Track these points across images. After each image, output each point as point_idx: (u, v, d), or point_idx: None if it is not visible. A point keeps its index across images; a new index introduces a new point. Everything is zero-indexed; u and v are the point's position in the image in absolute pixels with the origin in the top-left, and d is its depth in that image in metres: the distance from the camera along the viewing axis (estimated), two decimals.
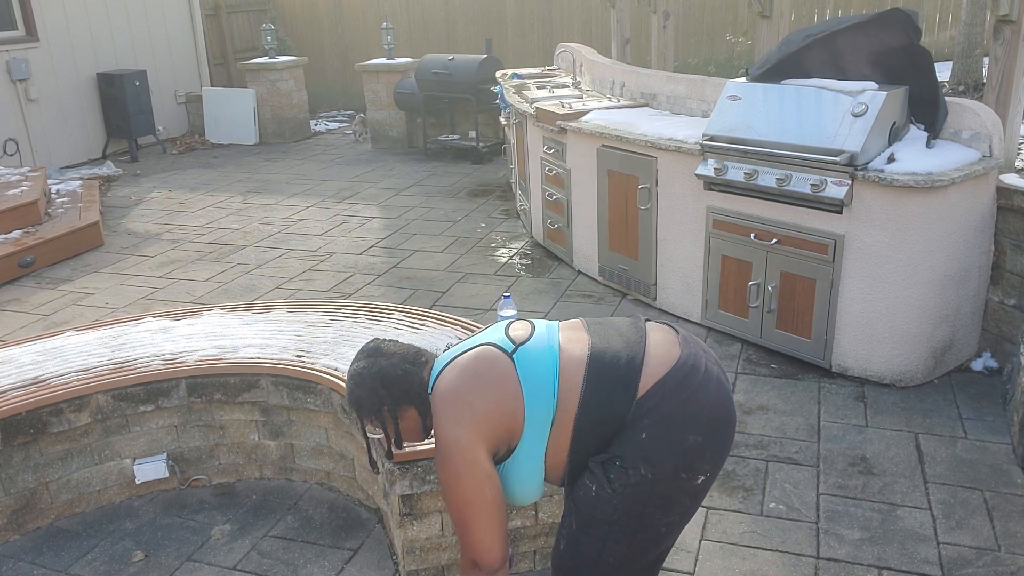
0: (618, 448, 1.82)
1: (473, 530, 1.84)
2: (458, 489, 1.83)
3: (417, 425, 2.00)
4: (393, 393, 1.95)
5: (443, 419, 1.86)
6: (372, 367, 1.97)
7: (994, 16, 3.74)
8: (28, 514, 3.08)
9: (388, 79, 9.53)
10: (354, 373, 1.99)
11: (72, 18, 9.12)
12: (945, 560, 2.72)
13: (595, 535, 1.89)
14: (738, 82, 4.17)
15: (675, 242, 4.51)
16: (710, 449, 1.84)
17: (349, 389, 2.00)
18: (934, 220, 3.52)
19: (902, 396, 3.73)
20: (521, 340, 1.92)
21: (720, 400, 1.87)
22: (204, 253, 6.18)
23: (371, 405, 1.96)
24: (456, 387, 1.88)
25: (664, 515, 1.86)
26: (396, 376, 1.96)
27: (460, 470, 1.82)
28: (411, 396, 1.96)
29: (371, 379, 1.96)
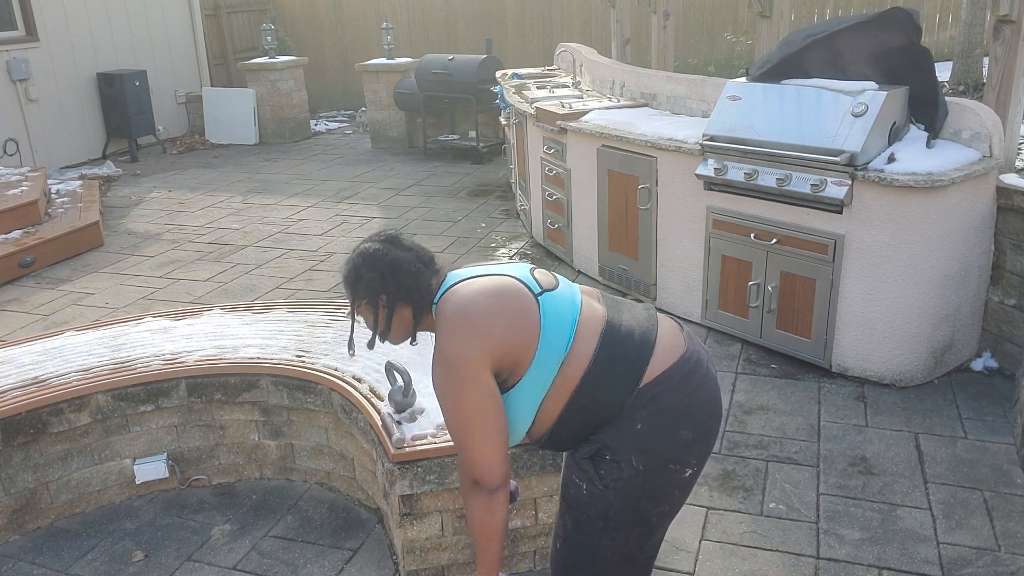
0: (610, 437, 1.81)
1: (474, 447, 1.79)
2: (461, 403, 1.78)
3: (406, 327, 1.95)
4: (399, 285, 1.89)
5: (454, 331, 1.80)
6: (387, 253, 1.91)
7: (994, 16, 3.74)
8: (28, 514, 3.08)
9: (388, 79, 9.54)
10: (366, 252, 1.93)
11: (72, 18, 9.12)
12: (945, 560, 2.72)
13: (591, 532, 1.89)
14: (738, 82, 4.17)
15: (675, 242, 4.51)
16: (699, 444, 1.85)
17: (354, 265, 1.93)
18: (934, 220, 3.52)
19: (902, 396, 3.73)
20: (548, 286, 1.89)
21: (716, 399, 1.89)
22: (204, 253, 6.18)
23: (372, 288, 1.91)
24: (476, 303, 1.82)
25: (656, 506, 1.86)
26: (408, 271, 1.90)
27: (465, 384, 1.77)
28: (414, 296, 1.91)
29: (383, 264, 1.90)
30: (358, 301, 1.95)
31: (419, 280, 1.91)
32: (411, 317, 1.93)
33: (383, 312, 1.93)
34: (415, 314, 1.93)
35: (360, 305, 1.95)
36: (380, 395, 2.82)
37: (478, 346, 1.77)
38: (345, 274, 1.96)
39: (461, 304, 1.83)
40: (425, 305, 1.92)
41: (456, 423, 1.81)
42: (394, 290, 1.90)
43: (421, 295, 1.91)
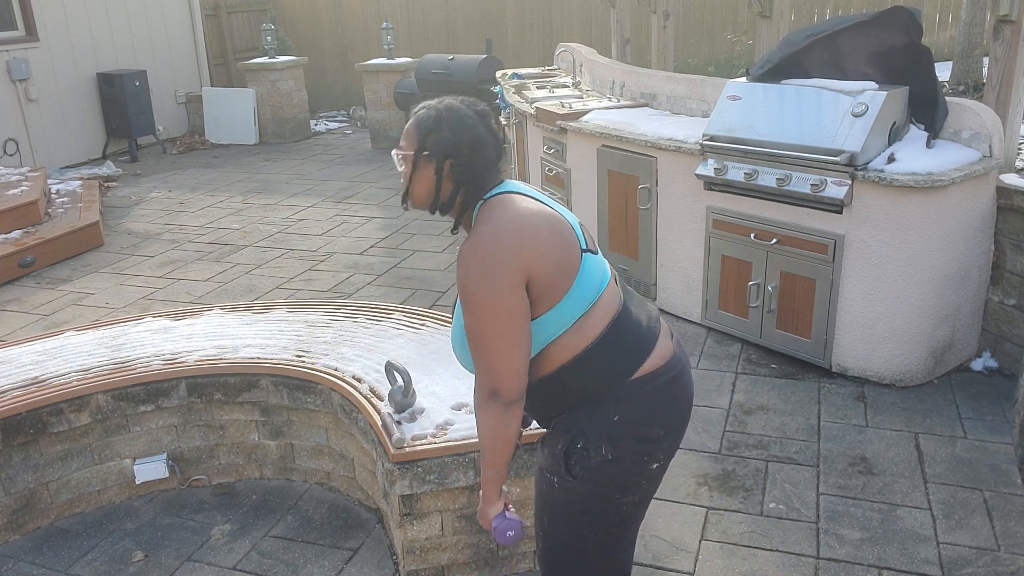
0: (585, 423, 1.80)
1: (500, 354, 1.70)
2: (494, 307, 1.68)
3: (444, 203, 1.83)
4: (471, 164, 1.78)
5: (507, 234, 1.71)
6: (476, 127, 1.80)
7: (994, 16, 3.74)
8: (28, 514, 3.08)
9: (388, 79, 9.54)
10: (456, 111, 1.81)
11: (72, 18, 9.12)
12: (945, 560, 2.72)
13: (567, 526, 1.90)
14: (738, 82, 4.17)
15: (675, 242, 4.51)
16: (667, 441, 1.87)
17: (438, 117, 1.79)
18: (934, 220, 3.52)
19: (902, 396, 3.73)
20: (591, 248, 1.86)
21: (690, 406, 1.92)
22: (204, 253, 6.18)
23: (443, 149, 1.78)
24: (536, 221, 1.75)
25: (624, 495, 1.86)
26: (486, 157, 1.80)
27: (504, 290, 1.67)
28: (476, 181, 1.80)
29: (468, 134, 1.79)
30: (423, 151, 1.80)
31: (488, 169, 1.81)
32: (462, 199, 1.82)
33: (442, 178, 1.80)
34: (465, 197, 1.82)
35: (420, 156, 1.80)
36: (380, 395, 2.82)
37: (525, 259, 1.69)
38: (421, 117, 1.81)
39: (519, 214, 1.75)
40: (479, 195, 1.81)
41: (481, 328, 1.70)
42: (464, 164, 1.78)
43: (482, 185, 1.81)
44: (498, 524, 1.89)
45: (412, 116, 1.85)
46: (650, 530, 2.92)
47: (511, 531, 1.89)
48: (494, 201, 1.79)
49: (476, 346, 1.74)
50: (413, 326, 3.38)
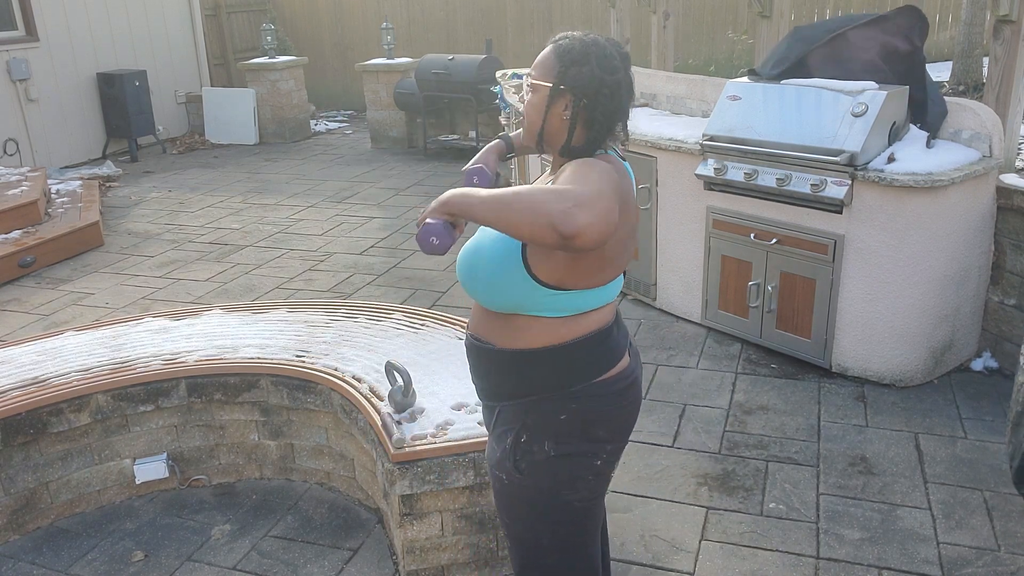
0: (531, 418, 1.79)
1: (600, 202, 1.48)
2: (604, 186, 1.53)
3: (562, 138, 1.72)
4: (606, 107, 1.68)
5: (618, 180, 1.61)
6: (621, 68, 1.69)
7: (994, 16, 3.74)
8: (28, 514, 3.08)
9: (388, 79, 9.54)
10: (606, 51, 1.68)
11: (72, 18, 9.12)
12: (945, 560, 2.72)
13: (523, 523, 1.90)
14: (738, 82, 4.17)
15: (675, 242, 4.51)
16: (612, 445, 1.86)
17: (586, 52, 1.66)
18: (934, 220, 3.52)
19: (902, 396, 3.73)
20: None
21: (638, 410, 1.92)
22: (204, 253, 6.18)
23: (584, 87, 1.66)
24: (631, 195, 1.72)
25: (572, 492, 1.85)
26: (619, 104, 1.70)
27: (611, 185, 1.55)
28: (603, 127, 1.70)
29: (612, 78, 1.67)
30: (560, 84, 1.67)
31: (619, 119, 1.71)
32: (581, 146, 1.71)
33: (568, 113, 1.68)
34: (586, 145, 1.70)
35: (556, 89, 1.68)
36: (380, 395, 2.82)
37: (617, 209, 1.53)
38: (564, 47, 1.68)
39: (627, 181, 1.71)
40: (598, 142, 1.71)
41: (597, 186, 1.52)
42: (600, 108, 1.67)
43: (602, 134, 1.70)
44: (429, 226, 1.62)
45: (551, 44, 1.72)
46: (650, 530, 2.92)
47: (435, 238, 1.62)
48: (603, 156, 1.71)
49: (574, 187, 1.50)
50: (413, 326, 3.38)
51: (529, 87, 1.74)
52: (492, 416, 1.91)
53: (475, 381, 1.95)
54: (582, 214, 1.45)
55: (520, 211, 1.50)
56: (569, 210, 1.45)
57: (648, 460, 3.34)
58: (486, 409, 1.97)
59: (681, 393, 3.84)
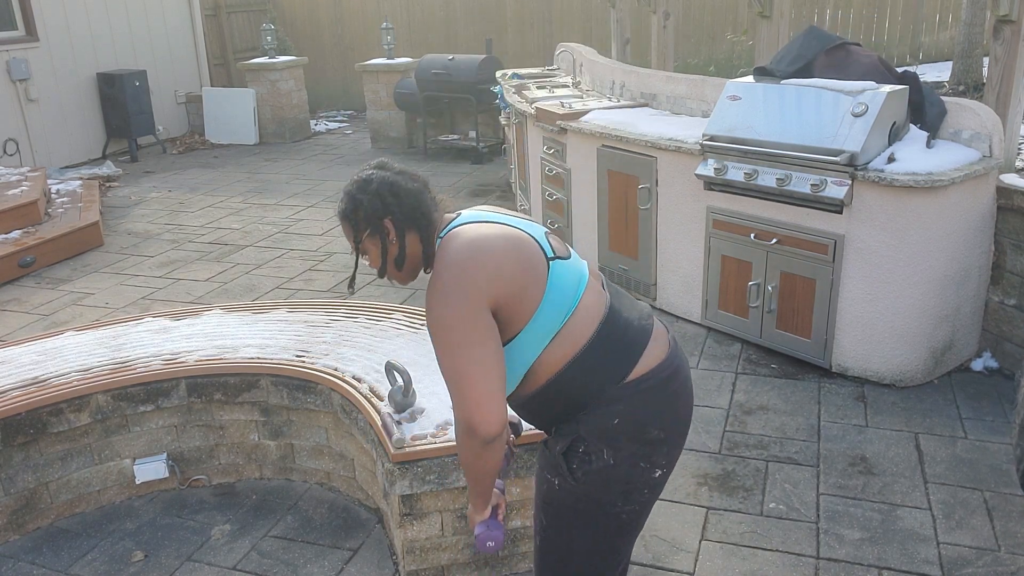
0: (584, 428, 1.79)
1: (472, 389, 1.67)
2: (460, 340, 1.66)
3: (416, 257, 1.82)
4: (402, 205, 1.78)
5: (462, 263, 1.70)
6: (381, 176, 1.80)
7: (994, 16, 3.75)
8: (28, 514, 3.08)
9: (388, 79, 9.54)
10: (359, 179, 1.81)
11: (72, 18, 9.12)
12: (945, 560, 2.72)
13: (562, 526, 1.89)
14: (738, 82, 4.17)
15: (675, 242, 4.51)
16: (668, 445, 1.85)
17: (349, 195, 1.80)
18: (934, 220, 3.52)
19: (902, 396, 3.73)
20: (560, 254, 1.83)
21: (688, 408, 1.91)
22: (204, 253, 6.18)
23: (374, 212, 1.78)
24: (489, 241, 1.73)
25: (625, 503, 1.85)
26: (408, 189, 1.80)
27: (467, 320, 1.66)
28: (419, 219, 1.79)
29: (380, 184, 1.78)
30: (361, 233, 1.81)
31: (422, 200, 1.80)
32: (420, 245, 1.81)
33: (392, 237, 1.80)
34: (423, 241, 1.80)
35: (364, 239, 1.81)
36: (380, 395, 2.82)
37: (485, 282, 1.67)
38: (342, 209, 1.82)
39: (472, 238, 1.73)
40: (433, 233, 1.80)
41: (452, 363, 1.68)
42: (398, 212, 1.78)
43: (428, 220, 1.80)
44: (480, 532, 1.91)
45: (337, 215, 1.88)
46: (650, 530, 2.92)
47: (491, 541, 1.90)
48: (451, 235, 1.78)
49: (449, 382, 1.71)
50: (413, 326, 3.38)
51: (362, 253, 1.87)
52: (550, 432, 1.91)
53: (531, 424, 1.97)
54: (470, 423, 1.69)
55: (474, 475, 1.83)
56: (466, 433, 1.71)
57: None
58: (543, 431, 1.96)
59: None
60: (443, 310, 1.68)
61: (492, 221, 1.83)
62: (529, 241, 1.79)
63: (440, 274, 1.71)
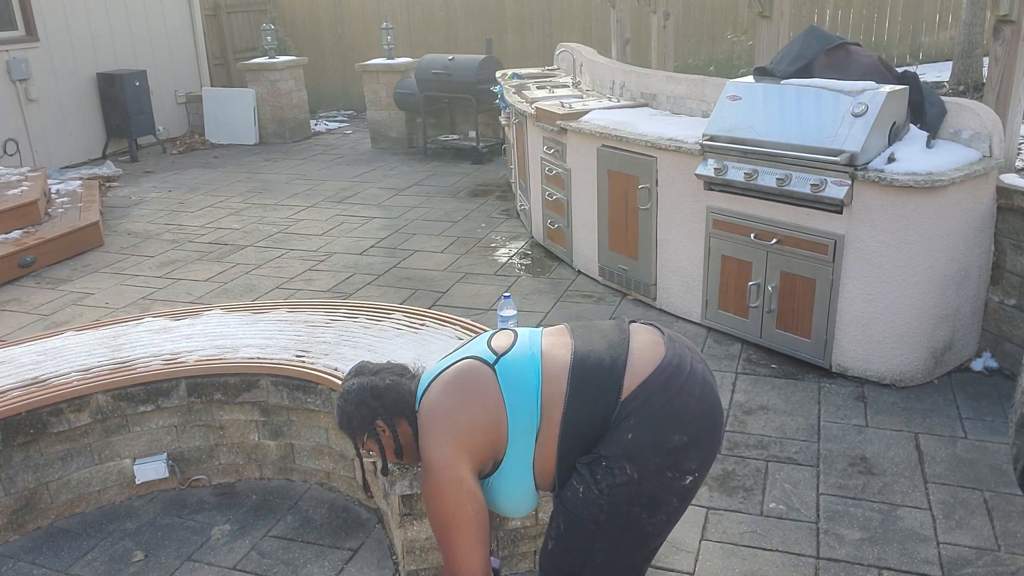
0: (604, 448, 1.82)
1: (455, 547, 1.84)
2: (441, 505, 1.83)
3: (411, 441, 1.98)
4: (385, 403, 1.95)
5: (428, 435, 1.86)
6: (360, 383, 1.98)
7: (994, 16, 3.75)
8: (28, 514, 3.08)
9: (388, 79, 9.54)
10: (343, 392, 2.00)
11: (72, 18, 9.12)
12: (945, 560, 2.72)
13: (582, 536, 1.89)
14: (738, 82, 4.17)
15: (675, 242, 4.51)
16: (695, 448, 1.84)
17: (340, 408, 1.98)
18: (934, 220, 3.52)
19: (902, 396, 3.73)
20: (503, 350, 1.93)
21: (705, 398, 1.87)
22: (204, 253, 6.18)
23: (364, 418, 1.96)
24: (440, 402, 1.89)
25: (650, 515, 1.86)
26: (386, 386, 1.96)
27: (444, 487, 1.82)
28: (402, 407, 1.96)
29: (360, 392, 1.96)
30: (359, 438, 1.99)
31: (400, 391, 1.97)
32: (410, 430, 1.96)
33: (387, 435, 1.97)
34: (411, 425, 1.96)
35: (363, 441, 2.00)
36: None
37: (451, 446, 1.82)
38: (338, 422, 2.00)
39: (429, 408, 1.90)
40: (412, 409, 1.97)
41: (439, 523, 1.85)
42: (384, 410, 1.94)
43: (408, 403, 1.96)
44: None
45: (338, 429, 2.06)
46: None
47: None
48: (420, 409, 1.93)
49: (437, 540, 1.88)
50: (413, 326, 3.38)
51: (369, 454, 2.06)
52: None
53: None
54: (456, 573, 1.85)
55: None
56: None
57: None
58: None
59: None
60: (427, 482, 1.85)
61: (440, 371, 1.97)
62: (471, 367, 1.92)
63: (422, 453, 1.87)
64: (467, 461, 1.83)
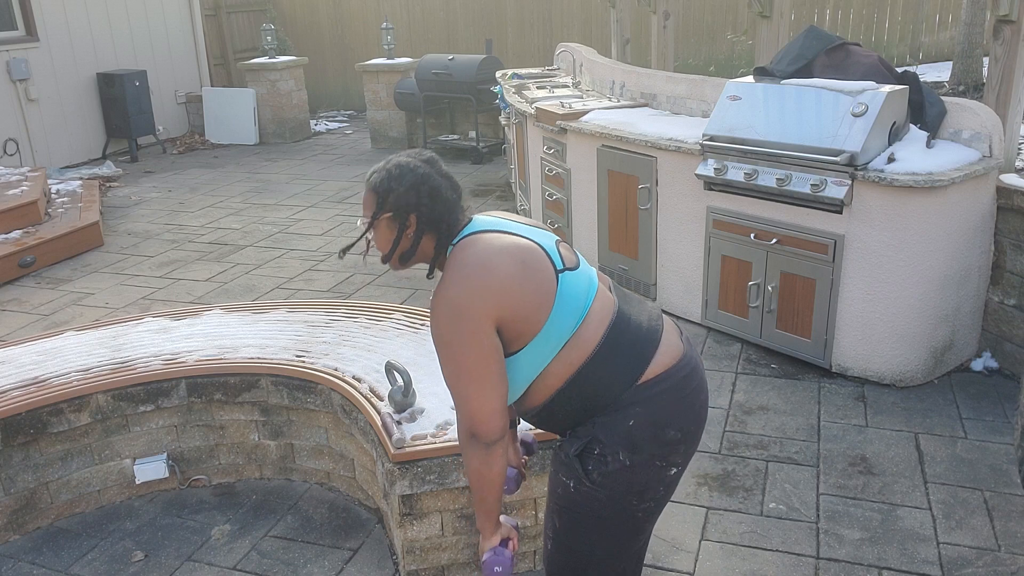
0: (600, 430, 1.80)
1: (472, 398, 1.74)
2: (463, 354, 1.72)
3: (425, 257, 1.86)
4: (433, 208, 1.80)
5: (470, 280, 1.74)
6: (428, 175, 1.81)
7: (994, 16, 3.75)
8: (28, 514, 3.08)
9: (388, 79, 9.54)
10: (405, 166, 1.82)
11: (72, 18, 9.12)
12: (945, 560, 2.72)
13: (580, 530, 1.89)
14: (739, 82, 4.17)
15: (675, 242, 4.51)
16: (685, 444, 1.86)
17: (389, 175, 1.81)
18: (934, 220, 3.52)
19: (902, 396, 3.73)
20: (569, 265, 1.85)
21: (705, 405, 1.91)
22: (204, 253, 6.18)
23: (403, 204, 1.80)
24: (498, 260, 1.75)
25: (641, 502, 1.86)
26: (445, 198, 1.82)
27: (471, 336, 1.71)
28: (442, 227, 1.82)
29: (422, 183, 1.80)
30: (381, 213, 1.82)
31: (452, 212, 1.83)
32: (432, 248, 1.84)
33: (409, 233, 1.82)
34: (437, 248, 1.84)
35: (382, 218, 1.83)
36: (380, 395, 2.82)
37: (492, 302, 1.71)
38: (375, 182, 1.83)
39: (483, 256, 1.76)
40: (449, 240, 1.83)
41: (455, 373, 1.75)
42: (427, 213, 1.80)
43: (449, 229, 1.83)
44: (488, 558, 1.90)
45: (366, 183, 1.87)
46: None
47: (499, 567, 1.88)
48: (462, 244, 1.81)
49: (451, 390, 1.78)
50: (413, 326, 3.38)
51: (368, 228, 1.87)
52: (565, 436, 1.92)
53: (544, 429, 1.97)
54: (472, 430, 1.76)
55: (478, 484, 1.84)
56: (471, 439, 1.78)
57: None
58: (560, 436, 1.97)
59: None
60: (448, 326, 1.73)
61: (504, 231, 1.84)
62: (539, 253, 1.81)
63: (448, 288, 1.75)
64: (494, 321, 1.73)
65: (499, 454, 1.80)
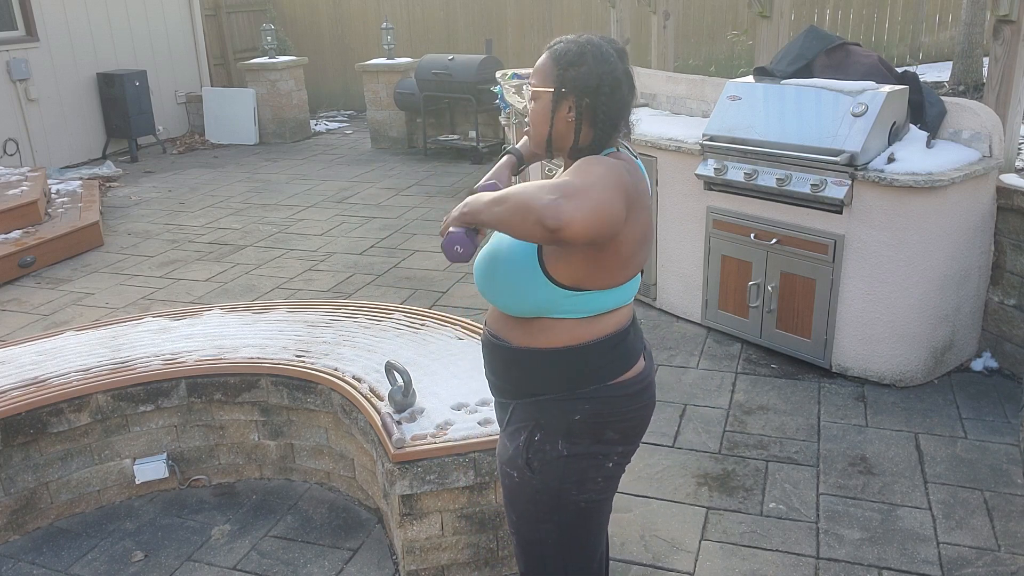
0: (545, 417, 1.79)
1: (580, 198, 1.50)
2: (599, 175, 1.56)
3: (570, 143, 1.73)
4: (609, 106, 1.68)
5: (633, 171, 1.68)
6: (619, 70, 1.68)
7: (994, 16, 3.74)
8: (28, 514, 3.08)
9: (388, 79, 9.54)
10: (603, 52, 1.68)
11: (72, 18, 9.12)
12: (945, 560, 2.72)
13: (529, 520, 1.90)
14: (739, 82, 4.17)
15: (675, 242, 4.51)
16: (623, 447, 1.86)
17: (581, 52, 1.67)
18: (934, 220, 3.52)
19: (902, 396, 3.73)
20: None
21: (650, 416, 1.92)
22: (204, 253, 6.18)
23: (585, 87, 1.66)
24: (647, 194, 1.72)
25: (579, 492, 1.85)
26: (621, 97, 1.70)
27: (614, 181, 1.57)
28: (607, 127, 1.70)
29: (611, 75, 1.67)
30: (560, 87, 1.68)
31: (623, 114, 1.72)
32: (581, 141, 1.72)
33: (570, 117, 1.69)
34: (592, 143, 1.71)
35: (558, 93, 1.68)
36: (380, 395, 2.82)
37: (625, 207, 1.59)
38: (559, 51, 1.69)
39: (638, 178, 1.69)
40: (605, 143, 1.72)
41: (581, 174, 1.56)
42: (600, 107, 1.67)
43: (611, 131, 1.71)
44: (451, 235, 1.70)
45: (547, 50, 1.73)
46: (650, 530, 2.92)
47: (459, 246, 1.68)
48: (614, 155, 1.72)
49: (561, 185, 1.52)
50: (413, 326, 3.38)
51: (531, 96, 1.75)
52: (505, 413, 1.91)
53: (489, 377, 1.94)
54: (567, 206, 1.47)
55: (512, 208, 1.53)
56: (554, 202, 1.47)
57: (648, 460, 3.34)
58: (499, 405, 1.96)
59: (681, 393, 3.84)
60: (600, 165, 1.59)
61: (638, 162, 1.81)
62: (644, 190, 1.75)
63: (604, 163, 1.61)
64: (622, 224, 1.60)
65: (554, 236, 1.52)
